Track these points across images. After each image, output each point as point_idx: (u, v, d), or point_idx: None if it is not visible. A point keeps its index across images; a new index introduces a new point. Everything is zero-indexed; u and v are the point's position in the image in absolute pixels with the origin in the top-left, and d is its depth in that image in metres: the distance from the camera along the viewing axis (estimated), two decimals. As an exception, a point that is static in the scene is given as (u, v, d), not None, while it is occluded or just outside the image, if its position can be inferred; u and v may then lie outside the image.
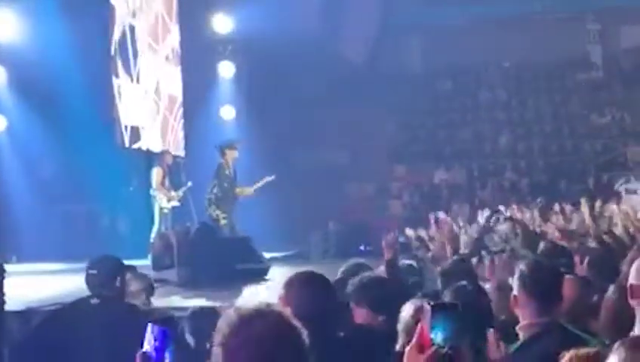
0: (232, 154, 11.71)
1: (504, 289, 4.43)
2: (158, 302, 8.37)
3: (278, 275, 10.59)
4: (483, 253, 7.01)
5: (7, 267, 6.65)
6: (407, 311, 3.74)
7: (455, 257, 6.53)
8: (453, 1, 20.12)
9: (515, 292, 3.82)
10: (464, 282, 4.30)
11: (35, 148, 14.16)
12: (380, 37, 19.53)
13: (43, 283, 9.91)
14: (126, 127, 14.36)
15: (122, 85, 14.39)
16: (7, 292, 6.31)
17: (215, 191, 11.40)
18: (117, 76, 14.26)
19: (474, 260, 6.55)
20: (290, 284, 3.90)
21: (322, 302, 3.83)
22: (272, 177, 12.12)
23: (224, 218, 11.41)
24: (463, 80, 21.29)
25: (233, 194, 11.63)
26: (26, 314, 6.92)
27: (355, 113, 18.45)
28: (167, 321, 2.82)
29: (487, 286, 4.87)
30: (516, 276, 3.81)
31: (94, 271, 5.26)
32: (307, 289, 3.87)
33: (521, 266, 3.86)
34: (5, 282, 6.24)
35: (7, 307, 6.32)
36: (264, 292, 9.38)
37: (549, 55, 19.88)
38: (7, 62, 14.11)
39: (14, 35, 13.98)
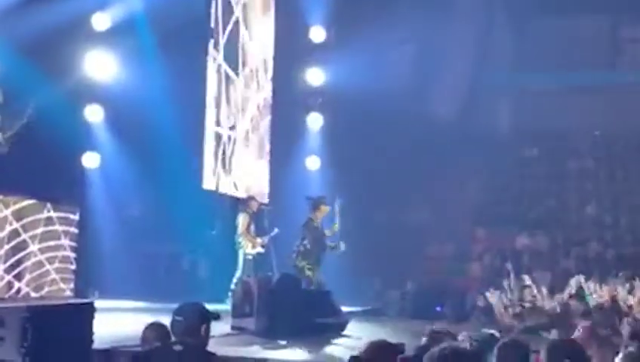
0: (324, 210, 11.90)
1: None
2: (235, 351, 8.40)
3: (356, 330, 10.53)
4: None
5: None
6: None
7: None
8: (546, 67, 19.95)
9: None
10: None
11: (125, 186, 14.49)
12: (469, 98, 19.45)
13: (123, 322, 10.02)
14: (213, 171, 14.61)
15: (212, 130, 14.67)
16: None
17: (305, 243, 11.52)
18: (208, 121, 14.56)
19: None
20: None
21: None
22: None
23: (309, 269, 11.47)
24: (550, 146, 20.98)
25: (320, 249, 11.72)
26: (110, 354, 7.00)
27: (439, 172, 18.34)
28: None
29: None
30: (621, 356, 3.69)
31: (180, 318, 5.28)
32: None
33: (630, 349, 3.74)
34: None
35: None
36: (341, 347, 9.30)
37: (640, 126, 19.45)
38: (105, 102, 14.56)
39: (112, 75, 14.50)
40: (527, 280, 13.36)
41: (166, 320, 5.27)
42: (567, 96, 19.42)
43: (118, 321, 9.98)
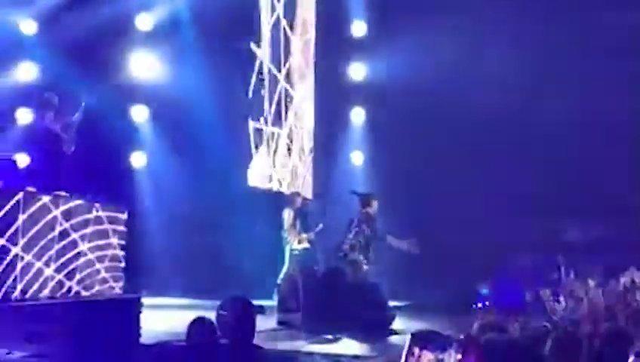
0: (375, 205, 11.92)
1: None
2: (282, 345, 8.43)
3: (403, 325, 10.47)
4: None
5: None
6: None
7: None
8: (604, 55, 19.42)
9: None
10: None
11: (170, 185, 14.62)
12: (517, 90, 19.16)
13: (170, 317, 10.11)
14: (257, 167, 14.68)
15: (257, 127, 14.75)
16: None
17: (360, 238, 11.47)
18: (252, 119, 14.65)
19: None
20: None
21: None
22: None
23: (366, 263, 11.44)
24: (602, 135, 20.55)
25: (374, 243, 11.71)
26: (157, 349, 7.06)
27: (486, 165, 18.11)
28: None
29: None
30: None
31: (225, 312, 5.32)
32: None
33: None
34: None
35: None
36: (388, 341, 9.28)
37: None
38: (150, 102, 14.73)
39: (157, 76, 14.65)
40: (578, 272, 13.15)
41: (213, 316, 5.31)
42: (622, 85, 18.98)
43: (165, 317, 10.07)
